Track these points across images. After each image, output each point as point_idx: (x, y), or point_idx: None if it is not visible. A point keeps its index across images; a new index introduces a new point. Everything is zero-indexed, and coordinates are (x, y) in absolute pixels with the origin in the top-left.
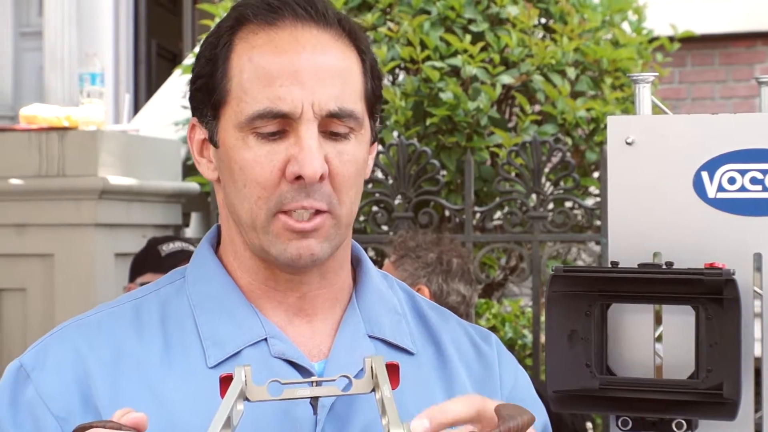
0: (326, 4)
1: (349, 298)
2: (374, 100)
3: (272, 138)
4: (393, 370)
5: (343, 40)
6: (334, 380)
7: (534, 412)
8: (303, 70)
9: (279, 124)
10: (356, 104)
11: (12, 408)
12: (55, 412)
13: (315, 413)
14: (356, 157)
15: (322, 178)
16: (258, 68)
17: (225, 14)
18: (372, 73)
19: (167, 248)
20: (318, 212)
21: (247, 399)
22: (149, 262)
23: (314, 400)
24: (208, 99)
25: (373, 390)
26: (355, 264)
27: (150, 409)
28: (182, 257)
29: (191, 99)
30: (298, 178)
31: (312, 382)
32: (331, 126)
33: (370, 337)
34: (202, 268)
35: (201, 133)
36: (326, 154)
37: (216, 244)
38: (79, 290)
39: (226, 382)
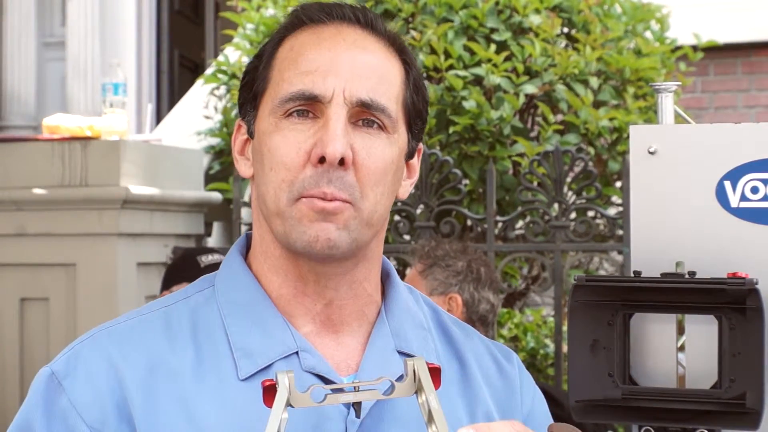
0: (376, 17)
1: (377, 313)
2: (414, 114)
3: (302, 120)
4: (434, 373)
5: (387, 48)
6: (376, 384)
7: None
8: (341, 61)
9: (309, 107)
10: (390, 102)
11: (46, 417)
12: (89, 423)
13: (358, 416)
14: (385, 155)
15: (344, 162)
16: (298, 56)
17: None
18: (414, 87)
19: (206, 260)
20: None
21: (290, 405)
22: (187, 271)
23: (357, 404)
24: (250, 90)
25: (416, 393)
26: (384, 279)
27: (181, 421)
28: None
29: (239, 99)
30: (322, 160)
31: (354, 386)
32: (362, 116)
33: (398, 352)
34: (232, 276)
35: (244, 132)
36: (353, 143)
37: (245, 253)
38: (101, 300)
39: (270, 390)
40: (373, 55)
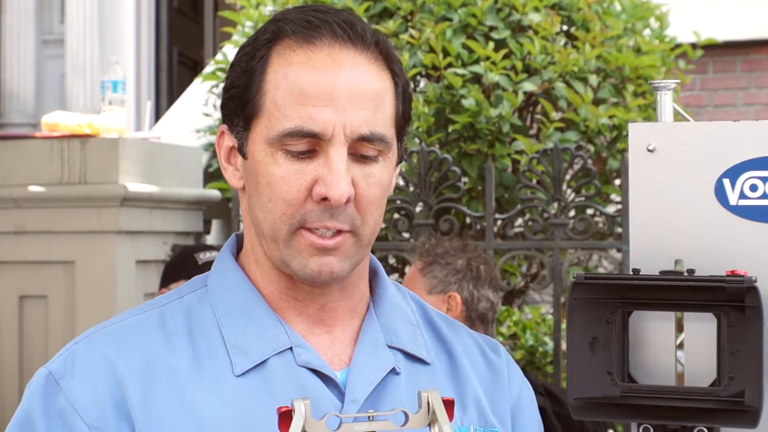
0: (364, 25)
1: (367, 309)
2: (403, 123)
3: (301, 157)
4: (448, 405)
5: (378, 62)
6: (391, 413)
7: (533, 424)
8: (337, 91)
9: (309, 144)
10: (387, 128)
11: (45, 416)
12: (87, 421)
13: None
14: (382, 179)
15: (347, 201)
16: (293, 86)
17: (262, 25)
18: (403, 96)
19: (204, 257)
20: (340, 231)
21: None
22: (185, 269)
23: None
24: (240, 110)
25: (429, 425)
26: (371, 275)
27: (181, 418)
28: None
29: (223, 107)
30: (324, 199)
31: (369, 416)
32: (361, 149)
33: (389, 347)
34: (224, 276)
35: (230, 141)
36: (353, 176)
37: (236, 252)
38: (100, 297)
39: (286, 417)
40: (368, 79)
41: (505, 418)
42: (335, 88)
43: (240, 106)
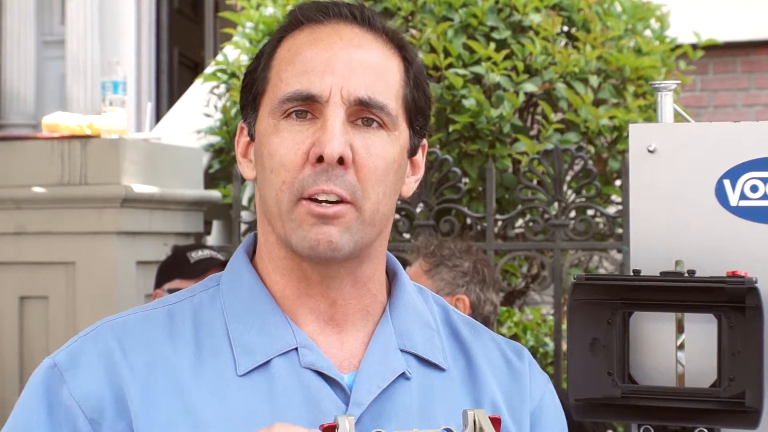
0: (374, 14)
1: (382, 312)
2: (415, 110)
3: (300, 120)
4: (495, 423)
5: (386, 44)
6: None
7: (555, 430)
8: (337, 59)
9: (307, 106)
10: (389, 100)
11: (47, 408)
12: (87, 414)
13: None
14: (386, 152)
15: (343, 162)
16: (294, 56)
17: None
18: (415, 84)
19: (196, 255)
20: (340, 202)
21: None
22: (178, 268)
23: None
24: (250, 92)
25: None
26: (391, 277)
27: (179, 415)
28: (212, 264)
29: (239, 99)
30: (320, 159)
31: None
32: (361, 114)
33: (402, 351)
34: (236, 276)
35: (246, 134)
36: (353, 142)
37: (252, 253)
38: (101, 298)
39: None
40: (370, 52)
41: (524, 423)
42: (335, 57)
43: (250, 89)
